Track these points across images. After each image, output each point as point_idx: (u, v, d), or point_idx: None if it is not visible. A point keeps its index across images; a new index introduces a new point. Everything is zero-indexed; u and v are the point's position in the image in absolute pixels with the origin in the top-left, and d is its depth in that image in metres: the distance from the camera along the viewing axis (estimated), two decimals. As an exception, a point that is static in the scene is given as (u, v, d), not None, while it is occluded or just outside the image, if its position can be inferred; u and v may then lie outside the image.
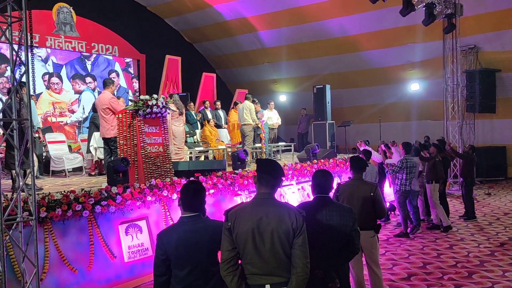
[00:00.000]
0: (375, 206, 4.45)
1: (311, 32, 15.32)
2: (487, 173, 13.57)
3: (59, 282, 4.94)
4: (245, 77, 18.77)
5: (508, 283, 5.37)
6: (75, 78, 13.02)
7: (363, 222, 4.46)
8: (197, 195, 2.86)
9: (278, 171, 2.71)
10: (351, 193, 4.51)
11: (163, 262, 2.77)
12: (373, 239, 4.56)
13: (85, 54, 13.24)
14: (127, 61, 14.54)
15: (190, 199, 2.85)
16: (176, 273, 2.78)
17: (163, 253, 2.76)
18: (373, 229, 4.54)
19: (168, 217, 6.25)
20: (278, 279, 2.55)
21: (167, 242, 2.76)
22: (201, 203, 2.88)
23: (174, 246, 2.74)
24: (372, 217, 4.51)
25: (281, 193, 8.22)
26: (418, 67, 14.98)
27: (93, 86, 13.44)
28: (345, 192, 4.55)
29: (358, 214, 4.42)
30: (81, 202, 5.19)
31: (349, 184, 4.66)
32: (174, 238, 2.75)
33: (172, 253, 2.74)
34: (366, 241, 4.52)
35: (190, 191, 2.86)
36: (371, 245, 4.56)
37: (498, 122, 14.13)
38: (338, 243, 3.19)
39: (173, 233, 2.80)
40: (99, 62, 13.73)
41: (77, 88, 13.07)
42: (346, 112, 16.33)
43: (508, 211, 9.62)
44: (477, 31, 13.10)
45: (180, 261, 2.73)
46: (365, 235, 4.49)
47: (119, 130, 6.57)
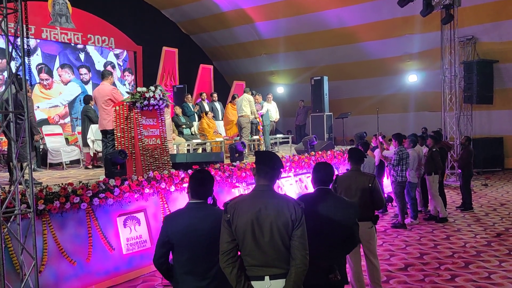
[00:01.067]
0: (373, 197, 4.46)
1: (308, 24, 15.26)
2: (484, 164, 13.62)
3: (58, 274, 4.95)
4: (242, 69, 18.71)
5: (504, 273, 5.41)
6: (64, 67, 12.87)
7: (361, 213, 4.45)
8: (203, 183, 2.92)
9: (277, 163, 2.71)
10: (349, 184, 4.52)
11: (164, 244, 2.86)
12: (371, 230, 4.58)
13: (79, 46, 13.12)
14: (116, 53, 14.34)
15: (197, 187, 2.91)
16: (178, 258, 2.85)
17: (166, 235, 2.84)
18: (371, 220, 4.56)
19: (166, 209, 6.25)
20: (277, 270, 2.56)
21: (172, 225, 2.85)
22: (208, 191, 2.94)
23: (177, 230, 2.81)
24: (370, 208, 4.52)
25: (279, 185, 8.24)
26: (416, 59, 14.97)
27: (87, 77, 13.31)
28: (343, 183, 4.55)
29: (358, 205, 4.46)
30: (79, 194, 5.18)
31: (347, 176, 4.66)
32: (179, 222, 2.83)
33: (175, 236, 2.81)
34: (364, 232, 4.52)
35: (197, 179, 2.94)
36: (369, 236, 4.58)
37: (495, 113, 14.16)
38: (340, 236, 3.18)
39: (178, 217, 2.88)
40: (93, 52, 13.60)
41: (67, 78, 12.91)
42: (344, 104, 16.34)
43: (505, 201, 9.67)
44: (475, 21, 13.07)
45: (182, 245, 2.80)
46: (363, 226, 4.48)
47: (116, 123, 6.55)
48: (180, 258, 2.83)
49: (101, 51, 13.74)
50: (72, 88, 12.89)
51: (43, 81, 12.22)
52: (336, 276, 3.07)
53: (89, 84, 13.32)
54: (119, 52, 14.24)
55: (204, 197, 2.90)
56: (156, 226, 6.09)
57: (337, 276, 3.07)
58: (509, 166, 14.09)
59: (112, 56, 14.12)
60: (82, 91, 12.88)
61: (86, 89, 13.07)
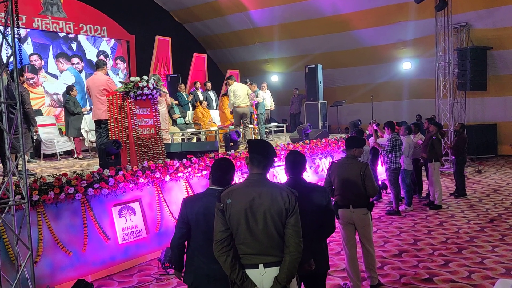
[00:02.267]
0: (365, 184, 4.49)
1: (302, 12, 15.17)
2: (478, 151, 13.71)
3: (54, 264, 4.96)
4: (236, 58, 18.62)
5: (497, 258, 5.48)
6: (59, 57, 12.70)
7: (356, 200, 4.54)
8: (227, 171, 3.05)
9: (270, 151, 2.72)
10: (342, 171, 4.54)
11: (184, 225, 2.99)
12: (366, 216, 4.60)
13: (71, 35, 12.94)
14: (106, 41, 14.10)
15: (220, 174, 3.02)
16: (194, 239, 2.97)
17: (185, 217, 2.98)
18: (366, 206, 4.59)
19: (162, 199, 6.26)
20: (272, 258, 2.58)
21: (190, 207, 2.98)
22: (230, 180, 3.04)
23: (195, 212, 2.94)
24: (364, 195, 4.55)
25: (274, 174, 8.26)
26: (410, 46, 14.95)
27: (80, 67, 13.14)
28: (336, 170, 4.58)
29: (350, 192, 4.49)
30: (73, 185, 5.17)
31: (340, 163, 4.68)
32: (197, 205, 2.95)
33: (192, 218, 2.94)
34: (359, 219, 4.58)
35: (222, 167, 3.06)
36: (363, 223, 4.61)
37: (489, 100, 14.22)
38: (313, 223, 3.20)
39: (197, 201, 3.01)
40: (85, 42, 13.40)
41: (61, 68, 12.75)
42: (338, 92, 16.32)
43: (498, 187, 9.76)
44: (469, 8, 13.05)
45: (199, 229, 2.92)
46: (358, 212, 4.56)
47: (110, 113, 6.51)
48: (196, 240, 2.95)
49: (93, 40, 13.58)
50: (66, 78, 12.73)
51: (29, 80, 11.90)
52: (310, 266, 3.07)
53: (82, 73, 13.17)
54: (107, 40, 14.03)
55: (225, 185, 2.92)
56: (152, 215, 6.11)
57: (311, 266, 3.07)
58: (503, 153, 14.19)
59: (105, 45, 13.97)
60: (76, 81, 12.71)
61: (82, 79, 12.91)
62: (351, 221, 4.60)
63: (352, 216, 4.56)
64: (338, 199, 4.58)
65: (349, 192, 4.52)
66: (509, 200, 8.52)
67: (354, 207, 4.54)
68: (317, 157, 9.41)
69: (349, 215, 4.57)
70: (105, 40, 13.86)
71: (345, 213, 4.57)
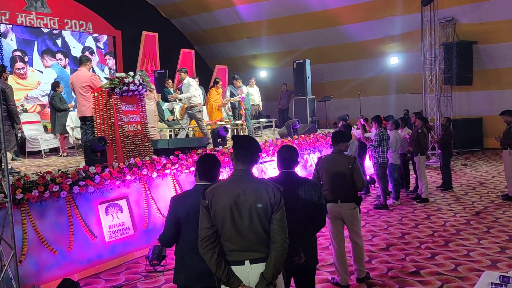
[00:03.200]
0: (353, 178, 4.50)
1: (290, 7, 15.14)
2: (464, 145, 13.85)
3: (39, 264, 4.90)
4: (224, 53, 18.53)
5: (483, 250, 5.54)
6: (44, 54, 12.49)
7: (344, 194, 4.54)
8: (213, 165, 3.03)
9: (255, 147, 2.69)
10: (330, 166, 4.55)
11: (173, 224, 2.93)
12: (354, 211, 4.62)
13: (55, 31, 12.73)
14: (95, 36, 13.84)
15: (207, 169, 3.01)
16: (185, 237, 2.91)
17: (174, 215, 2.92)
18: (354, 201, 4.60)
19: (149, 196, 6.21)
20: (257, 254, 2.56)
21: (179, 205, 2.93)
22: (217, 174, 3.04)
23: (185, 210, 2.88)
24: (352, 189, 4.57)
25: (263, 169, 8.25)
26: (397, 41, 15.02)
27: (63, 63, 12.94)
28: (324, 165, 4.59)
29: (338, 187, 4.48)
30: (58, 183, 5.10)
31: (328, 158, 4.69)
32: (186, 203, 2.90)
33: (182, 216, 2.89)
34: (347, 213, 4.59)
35: (207, 161, 3.06)
36: (352, 217, 4.62)
37: (474, 94, 14.36)
38: (304, 217, 3.21)
39: (185, 198, 2.96)
40: (69, 38, 13.19)
41: (46, 64, 12.54)
42: (326, 87, 16.35)
43: (484, 181, 9.87)
44: (455, 3, 13.14)
45: (189, 225, 2.85)
46: (346, 207, 4.57)
47: (95, 109, 6.43)
48: (188, 238, 2.89)
49: (78, 36, 13.39)
50: (49, 74, 12.52)
51: (19, 70, 11.80)
52: (300, 259, 3.07)
53: (67, 69, 12.98)
54: (98, 36, 13.85)
55: (213, 179, 2.93)
56: (139, 212, 6.06)
57: (302, 259, 3.07)
58: (488, 146, 14.35)
59: (91, 41, 13.77)
60: (59, 76, 12.51)
61: (66, 75, 12.70)
62: (339, 215, 4.61)
63: (340, 210, 4.57)
64: (326, 194, 4.53)
65: (337, 187, 4.53)
66: (494, 193, 8.62)
67: (342, 202, 4.55)
68: (305, 152, 9.42)
69: (337, 210, 4.58)
70: (91, 36, 13.65)
71: (333, 208, 4.56)
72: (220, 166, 3.10)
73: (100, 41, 13.99)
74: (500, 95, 13.69)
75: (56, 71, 12.69)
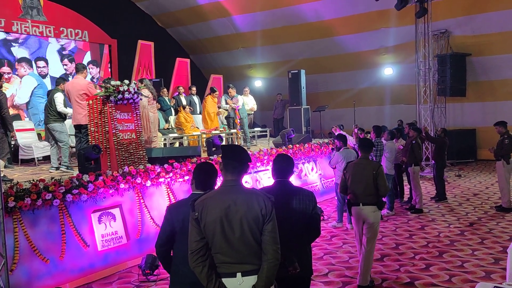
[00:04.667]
0: (377, 183, 4.78)
1: (285, 17, 15.25)
2: (458, 156, 13.92)
3: (31, 273, 4.83)
4: (219, 63, 18.59)
5: (477, 261, 5.54)
6: (21, 61, 11.95)
7: (367, 198, 4.83)
8: (210, 174, 2.99)
9: (244, 157, 2.65)
10: (356, 170, 4.89)
11: (167, 233, 2.89)
12: (375, 214, 4.86)
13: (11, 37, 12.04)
14: (62, 44, 12.81)
15: (203, 178, 2.96)
16: (180, 247, 2.85)
17: (170, 224, 2.88)
18: (376, 204, 4.84)
19: (143, 204, 6.17)
20: (249, 266, 2.52)
21: (175, 214, 2.88)
22: (213, 183, 2.99)
23: (181, 219, 2.83)
24: (375, 193, 4.82)
25: (257, 178, 8.24)
26: (391, 52, 15.14)
27: (46, 71, 12.56)
28: (351, 169, 4.95)
29: (363, 190, 4.80)
30: (51, 191, 5.05)
31: (356, 163, 5.05)
32: (182, 212, 2.83)
33: (178, 225, 2.84)
34: (368, 216, 4.85)
35: (204, 170, 3.00)
36: (371, 219, 4.85)
37: (468, 105, 14.47)
38: (298, 227, 3.19)
39: (182, 207, 2.88)
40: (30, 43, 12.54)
41: (22, 73, 11.93)
42: (321, 97, 16.42)
43: (478, 192, 9.91)
44: (448, 15, 13.29)
45: (184, 235, 2.77)
46: (368, 210, 4.83)
47: (90, 117, 6.41)
48: (182, 247, 2.82)
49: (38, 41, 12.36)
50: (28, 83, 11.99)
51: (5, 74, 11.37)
52: (295, 269, 3.04)
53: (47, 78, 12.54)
54: (65, 43, 12.95)
55: (209, 189, 2.88)
56: (132, 221, 6.01)
57: (297, 269, 3.04)
58: (482, 157, 14.42)
59: (53, 47, 12.74)
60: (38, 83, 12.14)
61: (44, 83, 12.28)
62: (362, 218, 4.88)
63: (362, 213, 4.85)
64: (350, 197, 4.94)
65: (360, 190, 4.83)
66: (488, 204, 8.65)
67: (364, 205, 4.82)
68: (300, 162, 9.42)
69: (359, 212, 4.87)
70: (59, 42, 12.80)
71: (356, 211, 4.89)
72: (217, 175, 3.05)
73: (66, 49, 13.11)
74: (493, 106, 13.80)
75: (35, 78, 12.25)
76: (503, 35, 12.91)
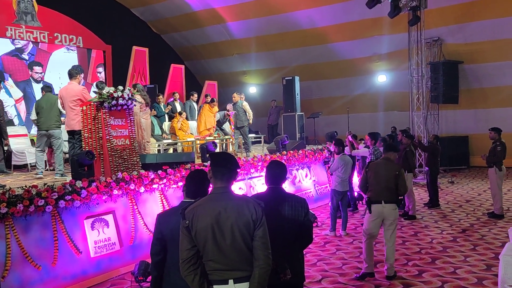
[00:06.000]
0: (398, 183, 5.16)
1: (279, 24, 15.34)
2: (451, 162, 14.00)
3: (22, 279, 4.80)
4: (214, 69, 18.64)
5: (469, 267, 5.57)
6: None
7: (387, 196, 5.18)
8: (203, 183, 2.98)
9: (233, 163, 2.65)
10: (379, 170, 5.24)
11: (158, 242, 2.91)
12: (395, 211, 5.26)
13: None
14: (18, 47, 11.98)
15: (195, 187, 2.97)
16: (171, 255, 2.85)
17: (160, 232, 2.89)
18: (395, 203, 5.22)
19: (136, 211, 6.15)
20: (241, 273, 2.52)
21: (164, 222, 2.89)
22: (205, 191, 2.96)
23: (170, 227, 2.83)
24: (395, 192, 5.20)
25: (251, 185, 8.25)
26: (385, 59, 15.25)
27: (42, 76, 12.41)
28: (373, 169, 5.29)
29: (384, 189, 5.12)
30: (43, 197, 5.03)
31: (378, 163, 5.45)
32: (171, 220, 2.83)
33: (168, 233, 2.84)
34: (389, 213, 5.20)
35: (197, 179, 3.00)
36: (392, 217, 5.22)
37: (461, 112, 14.59)
38: (290, 233, 3.19)
39: (171, 215, 2.89)
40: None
41: None
42: (315, 103, 16.49)
43: (470, 198, 9.97)
44: (441, 23, 13.44)
45: (175, 243, 2.76)
46: (389, 207, 5.19)
47: (83, 123, 6.40)
48: (173, 255, 2.81)
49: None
50: None
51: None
52: (286, 275, 3.04)
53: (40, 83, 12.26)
54: (22, 45, 12.12)
55: (201, 196, 2.85)
56: (126, 228, 5.99)
57: (288, 275, 3.05)
58: (474, 164, 14.52)
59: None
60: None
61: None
62: (382, 215, 5.20)
63: (384, 210, 5.17)
64: (371, 195, 5.24)
65: (383, 189, 5.15)
66: (480, 210, 8.70)
67: (385, 203, 5.16)
68: (294, 168, 9.44)
69: (381, 210, 5.18)
70: (15, 45, 12.05)
71: (377, 208, 5.19)
72: (209, 182, 2.99)
73: (25, 51, 12.27)
74: (486, 114, 13.93)
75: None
76: (495, 43, 13.06)
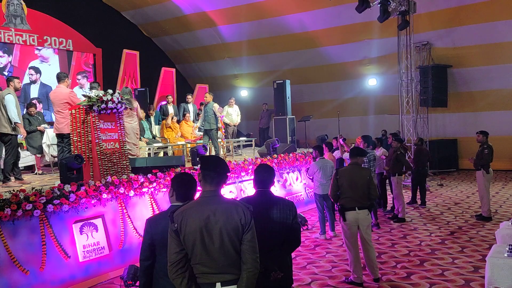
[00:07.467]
0: (369, 188, 5.15)
1: (270, 28, 15.40)
2: (440, 165, 14.13)
3: (10, 284, 4.76)
4: (205, 72, 18.64)
5: (457, 269, 5.62)
6: None
7: (362, 202, 5.17)
8: (190, 186, 2.97)
9: (223, 167, 2.66)
10: (352, 177, 5.17)
11: (148, 247, 2.88)
12: (369, 216, 5.26)
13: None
14: None
15: (182, 189, 2.94)
16: (160, 260, 2.84)
17: (150, 237, 2.87)
18: (368, 208, 5.23)
19: (126, 215, 6.13)
20: (229, 276, 2.54)
21: (154, 227, 2.87)
22: (193, 194, 2.98)
23: (160, 232, 2.81)
24: (368, 198, 5.19)
25: (241, 188, 8.25)
26: (375, 63, 15.37)
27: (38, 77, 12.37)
28: (345, 175, 5.21)
29: (358, 195, 5.07)
30: (31, 201, 5.00)
31: (348, 169, 5.36)
32: (161, 224, 2.81)
33: (157, 238, 2.83)
34: (364, 219, 5.12)
35: (184, 181, 2.97)
36: (367, 222, 5.21)
37: (449, 116, 14.74)
38: (279, 236, 3.22)
39: (161, 220, 2.87)
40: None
41: None
42: (306, 107, 16.55)
43: (459, 201, 10.06)
44: (429, 28, 13.58)
45: (164, 248, 2.75)
46: (363, 213, 5.17)
47: (72, 127, 6.36)
48: (161, 260, 2.80)
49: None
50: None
51: None
52: (278, 274, 3.06)
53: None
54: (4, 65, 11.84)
55: (189, 200, 2.87)
56: (115, 232, 5.97)
57: (279, 275, 3.06)
58: (463, 167, 14.66)
59: None
60: None
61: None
62: (357, 222, 5.14)
63: (359, 217, 5.13)
64: (345, 202, 5.16)
65: (357, 195, 5.11)
66: (469, 213, 8.79)
67: (359, 209, 5.14)
68: (284, 171, 9.47)
69: (356, 216, 5.13)
70: None
71: (353, 215, 5.13)
72: (196, 186, 3.03)
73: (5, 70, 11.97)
74: (474, 117, 14.09)
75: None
76: (483, 48, 13.23)
